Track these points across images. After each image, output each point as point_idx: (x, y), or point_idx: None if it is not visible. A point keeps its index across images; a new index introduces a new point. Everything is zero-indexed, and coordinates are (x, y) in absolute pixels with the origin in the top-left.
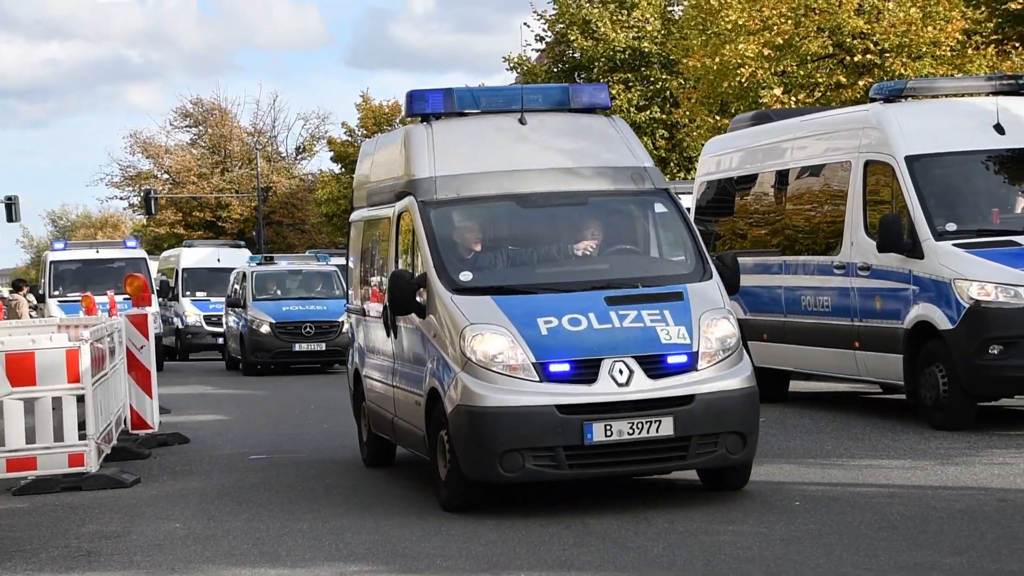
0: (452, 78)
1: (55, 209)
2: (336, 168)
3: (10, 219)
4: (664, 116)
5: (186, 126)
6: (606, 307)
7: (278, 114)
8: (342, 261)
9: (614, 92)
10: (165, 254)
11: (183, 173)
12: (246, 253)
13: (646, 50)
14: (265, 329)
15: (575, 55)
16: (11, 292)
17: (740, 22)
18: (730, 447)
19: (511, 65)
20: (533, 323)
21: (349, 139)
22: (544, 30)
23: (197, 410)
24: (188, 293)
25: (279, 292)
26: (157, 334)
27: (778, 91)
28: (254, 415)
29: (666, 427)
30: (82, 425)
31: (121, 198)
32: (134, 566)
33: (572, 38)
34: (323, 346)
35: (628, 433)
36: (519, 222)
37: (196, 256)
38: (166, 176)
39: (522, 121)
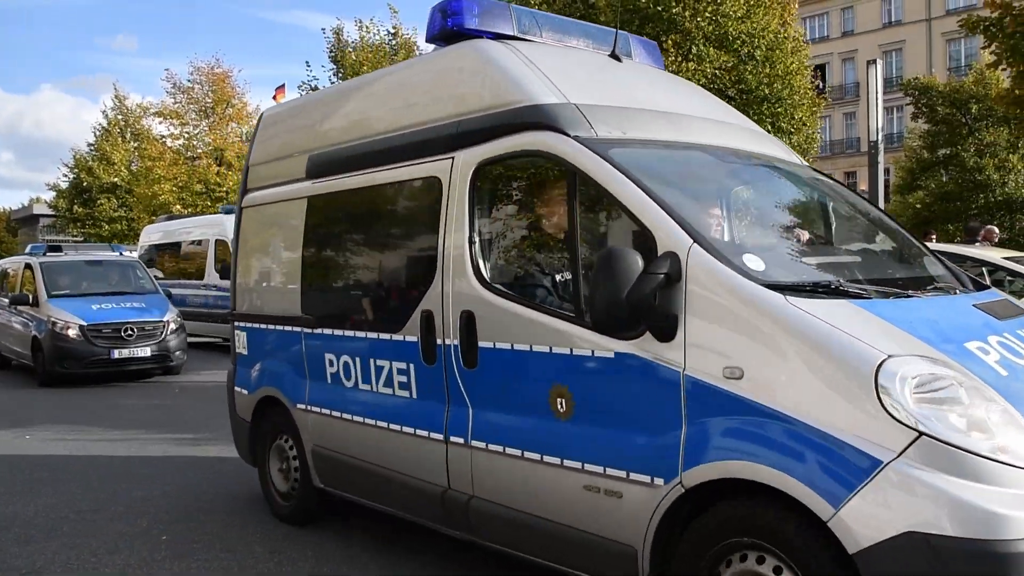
0: None
1: None
2: None
3: None
4: None
5: None
6: (997, 321)
7: None
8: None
9: None
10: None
11: None
12: None
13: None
14: (74, 332)
15: None
16: None
17: (162, 173)
18: None
19: None
20: (968, 353)
21: None
22: None
23: None
24: None
25: (76, 287)
26: None
27: (180, 206)
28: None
29: None
30: None
31: None
32: None
33: None
34: (148, 351)
35: None
36: (724, 186)
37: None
38: None
39: (617, 58)
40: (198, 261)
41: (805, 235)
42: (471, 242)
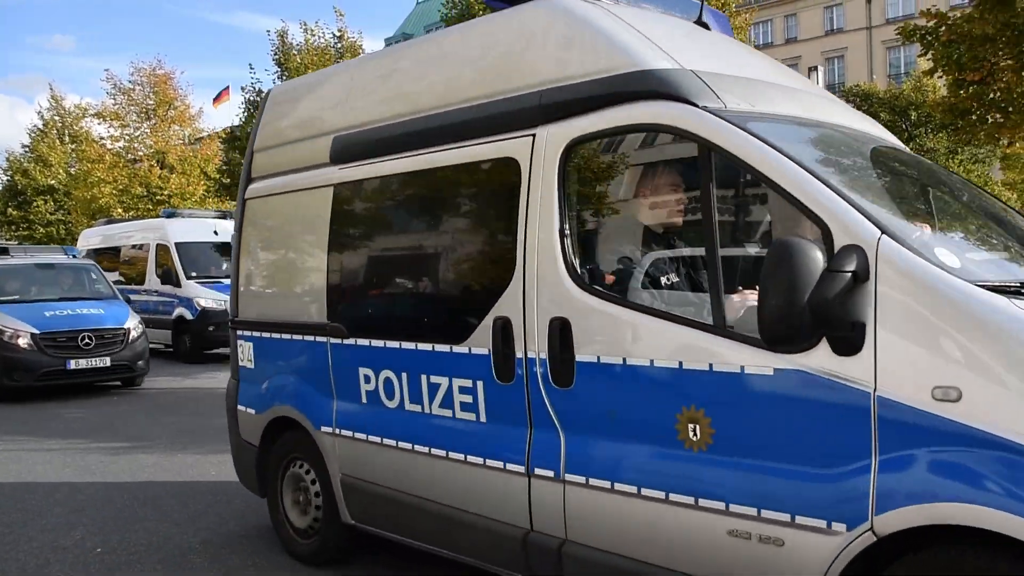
0: None
1: None
2: None
3: None
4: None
5: None
6: None
7: None
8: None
9: None
10: None
11: None
12: None
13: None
14: (24, 342)
15: None
16: None
17: (101, 176)
18: None
19: None
20: None
21: None
22: None
23: None
24: None
25: (26, 293)
26: None
27: (120, 209)
28: None
29: None
30: None
31: None
32: None
33: None
34: (108, 361)
35: None
36: (861, 167)
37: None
38: None
39: (705, 26)
40: (139, 266)
41: (928, 228)
42: (563, 235)
